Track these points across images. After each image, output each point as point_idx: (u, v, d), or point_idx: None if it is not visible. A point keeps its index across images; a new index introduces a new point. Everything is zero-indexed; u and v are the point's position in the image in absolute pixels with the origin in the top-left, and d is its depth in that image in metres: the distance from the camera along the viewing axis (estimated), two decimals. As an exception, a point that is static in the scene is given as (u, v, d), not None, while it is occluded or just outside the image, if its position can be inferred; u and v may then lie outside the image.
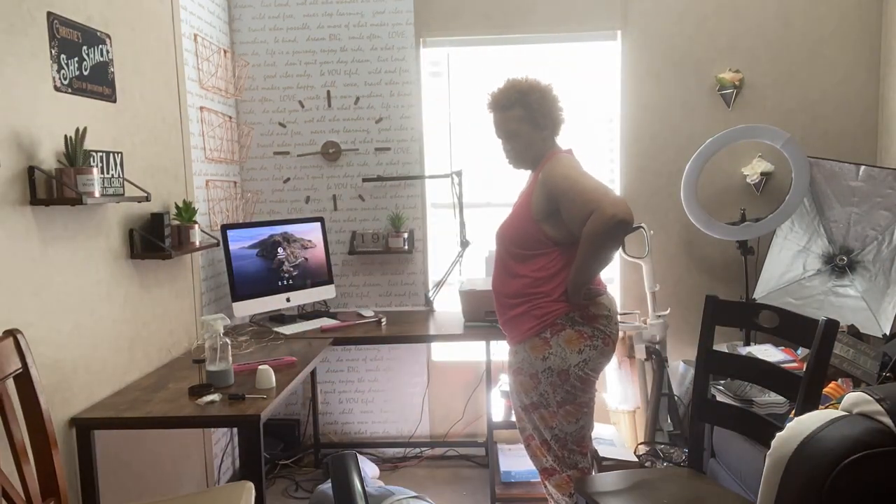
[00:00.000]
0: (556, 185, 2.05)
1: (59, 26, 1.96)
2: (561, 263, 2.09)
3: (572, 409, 2.11)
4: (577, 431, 2.14)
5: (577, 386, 2.09)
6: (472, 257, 3.41)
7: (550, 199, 2.07)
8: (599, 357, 2.11)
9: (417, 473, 3.35)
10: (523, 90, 2.15)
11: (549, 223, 2.08)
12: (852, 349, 2.52)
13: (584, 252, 2.00)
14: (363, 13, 3.36)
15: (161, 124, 2.60)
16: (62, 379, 1.96)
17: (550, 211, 2.07)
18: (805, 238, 3.12)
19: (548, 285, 2.09)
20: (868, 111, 3.27)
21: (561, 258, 2.09)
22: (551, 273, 2.09)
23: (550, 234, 2.08)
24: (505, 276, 2.20)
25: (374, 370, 3.54)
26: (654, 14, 3.30)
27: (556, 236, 2.08)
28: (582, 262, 2.02)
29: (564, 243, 2.09)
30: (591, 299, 2.12)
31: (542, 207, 2.08)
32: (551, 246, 2.09)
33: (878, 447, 0.98)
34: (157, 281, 2.53)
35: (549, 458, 2.17)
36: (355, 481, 2.46)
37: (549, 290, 2.09)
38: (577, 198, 1.99)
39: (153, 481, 2.48)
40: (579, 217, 1.99)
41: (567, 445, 2.14)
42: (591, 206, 1.95)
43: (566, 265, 2.08)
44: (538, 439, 2.18)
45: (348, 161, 3.45)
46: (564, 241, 2.08)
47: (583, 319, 2.09)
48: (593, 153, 3.48)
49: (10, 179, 1.77)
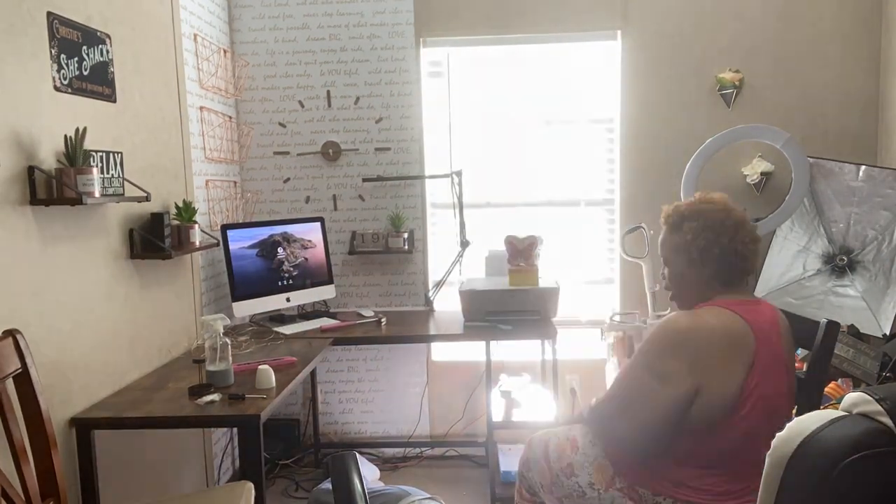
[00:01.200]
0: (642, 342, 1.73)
1: (59, 26, 1.96)
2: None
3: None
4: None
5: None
6: (472, 257, 3.41)
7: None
8: None
9: (417, 473, 3.35)
10: (686, 214, 1.75)
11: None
12: (852, 349, 2.52)
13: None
14: (363, 13, 3.36)
15: (161, 124, 2.60)
16: (62, 379, 1.96)
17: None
18: (805, 238, 3.12)
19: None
20: (868, 111, 3.27)
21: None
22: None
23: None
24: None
25: (374, 370, 3.54)
26: (654, 14, 3.30)
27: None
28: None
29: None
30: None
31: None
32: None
33: (878, 447, 0.98)
34: (157, 281, 2.53)
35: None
36: (355, 481, 2.46)
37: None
38: (615, 384, 1.74)
39: (153, 481, 2.48)
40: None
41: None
42: (605, 412, 1.75)
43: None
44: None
45: (348, 161, 3.45)
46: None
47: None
48: (593, 153, 3.48)
49: (10, 179, 1.77)
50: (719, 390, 1.55)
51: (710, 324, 1.59)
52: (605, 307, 3.48)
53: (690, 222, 1.73)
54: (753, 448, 1.60)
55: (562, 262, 3.46)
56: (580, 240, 3.51)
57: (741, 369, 1.56)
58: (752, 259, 1.72)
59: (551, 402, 2.98)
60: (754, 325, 1.60)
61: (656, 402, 1.59)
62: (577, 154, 3.47)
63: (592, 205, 3.50)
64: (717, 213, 1.73)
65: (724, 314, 1.61)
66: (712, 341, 1.57)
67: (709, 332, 1.58)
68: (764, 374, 1.58)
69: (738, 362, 1.56)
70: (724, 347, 1.56)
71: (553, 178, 3.48)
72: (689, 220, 1.74)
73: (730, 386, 1.55)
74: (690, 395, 1.56)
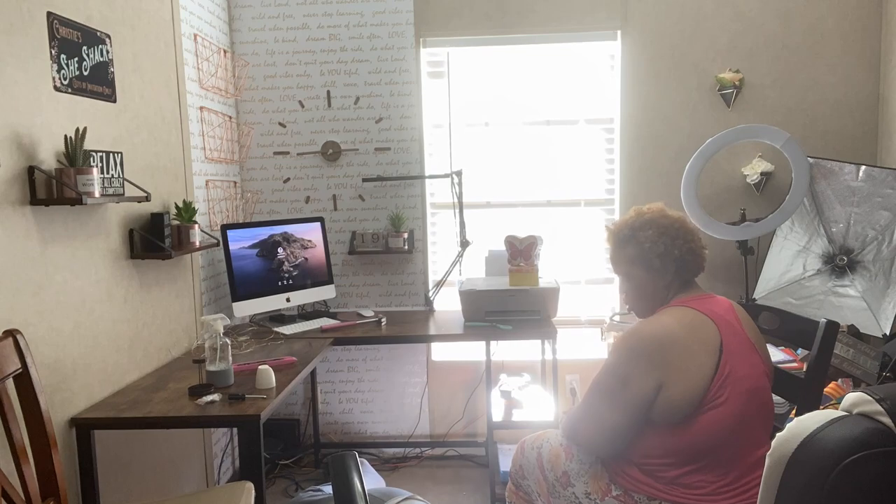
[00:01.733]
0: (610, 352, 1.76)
1: (59, 26, 1.96)
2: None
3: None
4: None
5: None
6: (472, 257, 3.41)
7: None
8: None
9: (417, 473, 3.35)
10: (635, 226, 1.81)
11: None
12: (852, 349, 2.52)
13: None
14: (363, 13, 3.36)
15: (161, 124, 2.60)
16: (62, 379, 1.96)
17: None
18: (805, 238, 3.12)
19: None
20: (868, 111, 3.27)
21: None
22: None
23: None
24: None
25: (374, 370, 3.54)
26: (654, 14, 3.30)
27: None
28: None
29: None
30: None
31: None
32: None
33: (878, 447, 0.98)
34: (157, 281, 2.53)
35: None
36: (355, 482, 2.45)
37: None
38: (589, 391, 1.75)
39: (153, 481, 2.48)
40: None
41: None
42: (575, 416, 1.79)
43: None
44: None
45: (348, 161, 3.45)
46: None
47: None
48: (593, 153, 3.48)
49: (10, 179, 1.77)
50: (686, 382, 1.59)
51: (668, 324, 1.65)
52: (605, 307, 3.48)
53: (644, 232, 1.78)
54: (743, 438, 1.63)
55: (562, 262, 3.46)
56: (580, 240, 3.51)
57: (709, 359, 1.60)
58: (704, 257, 1.80)
59: (551, 402, 2.98)
60: (712, 314, 1.66)
61: (618, 403, 1.65)
62: (577, 154, 3.47)
63: (592, 205, 3.50)
64: (664, 219, 1.79)
65: (682, 311, 1.68)
66: (673, 339, 1.61)
67: (668, 332, 1.63)
68: (735, 358, 1.62)
69: (705, 353, 1.60)
70: (687, 342, 1.61)
71: (553, 178, 3.49)
72: (641, 230, 1.79)
73: (698, 376, 1.59)
74: (653, 391, 1.61)
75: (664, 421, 1.62)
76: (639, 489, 1.70)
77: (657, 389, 1.60)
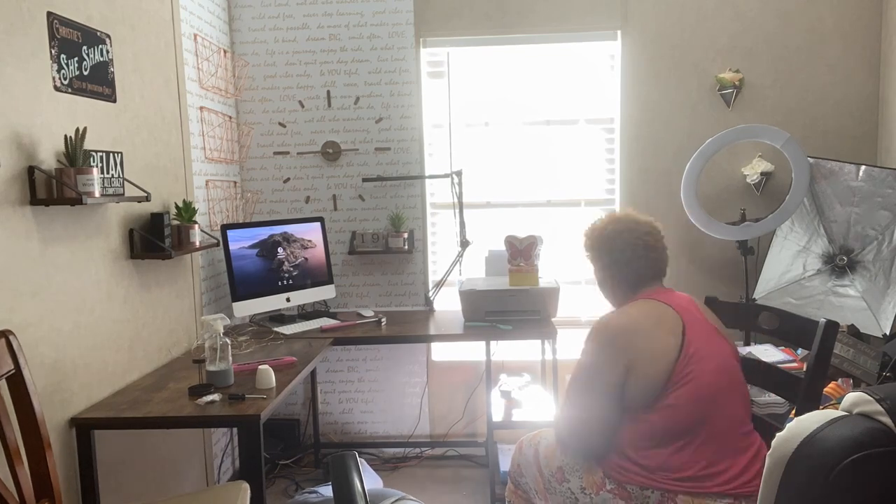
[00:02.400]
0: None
1: (59, 26, 1.96)
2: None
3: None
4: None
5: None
6: (472, 257, 3.41)
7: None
8: None
9: (417, 473, 3.35)
10: (609, 236, 1.96)
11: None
12: (852, 349, 2.52)
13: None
14: (363, 13, 3.36)
15: (161, 124, 2.60)
16: (62, 379, 1.96)
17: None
18: (805, 238, 3.12)
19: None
20: (868, 111, 3.27)
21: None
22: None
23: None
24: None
25: (374, 370, 3.54)
26: (654, 14, 3.30)
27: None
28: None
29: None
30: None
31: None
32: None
33: (878, 447, 0.98)
34: (157, 281, 2.53)
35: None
36: (355, 481, 2.45)
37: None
38: (567, 389, 1.85)
39: (153, 481, 2.48)
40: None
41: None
42: (560, 419, 1.86)
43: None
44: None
45: (348, 161, 3.45)
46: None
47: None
48: (593, 153, 3.48)
49: (10, 179, 1.77)
50: (652, 363, 1.69)
51: (633, 314, 1.79)
52: (604, 307, 3.47)
53: (614, 241, 1.94)
54: (720, 413, 1.69)
55: (562, 262, 3.46)
56: (580, 240, 3.50)
57: (673, 341, 1.71)
58: (665, 261, 1.94)
59: (551, 402, 2.98)
60: (673, 304, 1.80)
61: (595, 393, 1.74)
62: (577, 154, 3.47)
63: (592, 205, 3.50)
64: (632, 231, 1.93)
65: (646, 303, 1.82)
66: (637, 326, 1.75)
67: (632, 320, 1.77)
68: (699, 339, 1.73)
69: (668, 335, 1.72)
70: (649, 326, 1.74)
71: (553, 178, 3.49)
72: (612, 240, 1.95)
73: (663, 356, 1.69)
74: (622, 374, 1.71)
75: (638, 405, 1.71)
76: (631, 480, 1.72)
77: (626, 373, 1.70)
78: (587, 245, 2.04)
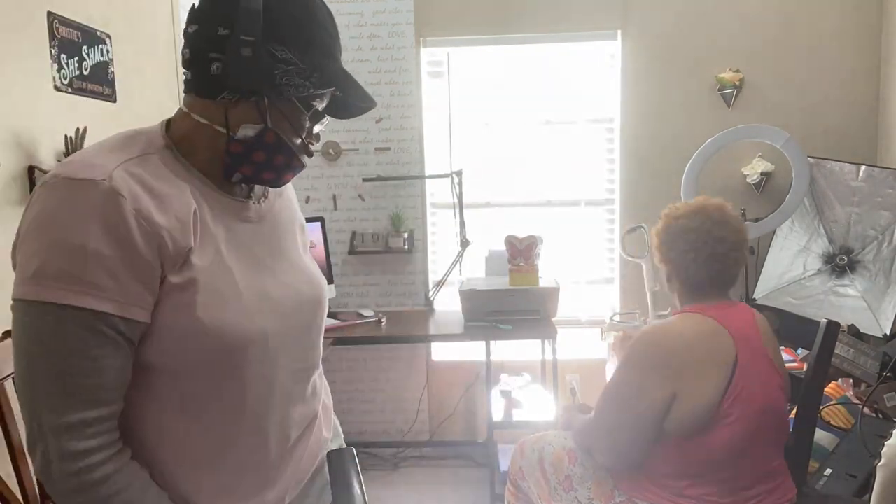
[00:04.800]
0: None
1: (59, 26, 1.96)
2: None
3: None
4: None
5: None
6: (472, 257, 3.41)
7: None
8: None
9: (417, 473, 3.35)
10: (685, 228, 1.78)
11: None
12: (852, 349, 2.52)
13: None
14: (363, 13, 3.36)
15: (161, 124, 2.59)
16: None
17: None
18: (805, 238, 3.12)
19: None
20: (868, 111, 3.27)
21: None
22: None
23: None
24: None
25: (374, 370, 3.54)
26: (654, 14, 3.29)
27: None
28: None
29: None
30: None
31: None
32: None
33: None
34: (157, 281, 2.52)
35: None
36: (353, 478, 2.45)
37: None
38: (598, 402, 1.77)
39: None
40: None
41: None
42: (590, 429, 1.79)
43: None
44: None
45: (348, 161, 3.45)
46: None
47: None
48: (593, 153, 3.48)
49: (10, 179, 1.76)
50: (698, 394, 1.58)
51: (684, 333, 1.63)
52: (605, 307, 3.48)
53: (686, 236, 1.77)
54: (754, 455, 1.61)
55: (562, 262, 3.46)
56: (580, 240, 3.51)
57: (720, 373, 1.58)
58: (734, 271, 1.76)
59: (551, 402, 2.98)
60: (730, 327, 1.63)
61: (633, 414, 1.63)
62: (577, 154, 3.47)
63: (592, 205, 3.50)
64: (706, 221, 1.76)
65: (699, 320, 1.66)
66: (687, 349, 1.60)
67: (683, 341, 1.62)
68: (749, 374, 1.60)
69: (718, 366, 1.58)
70: (702, 356, 1.60)
71: (553, 178, 3.48)
72: (683, 235, 1.77)
73: (709, 389, 1.57)
74: (667, 401, 1.59)
75: (675, 433, 1.61)
76: (644, 497, 1.69)
77: (671, 400, 1.59)
78: (655, 229, 1.87)
